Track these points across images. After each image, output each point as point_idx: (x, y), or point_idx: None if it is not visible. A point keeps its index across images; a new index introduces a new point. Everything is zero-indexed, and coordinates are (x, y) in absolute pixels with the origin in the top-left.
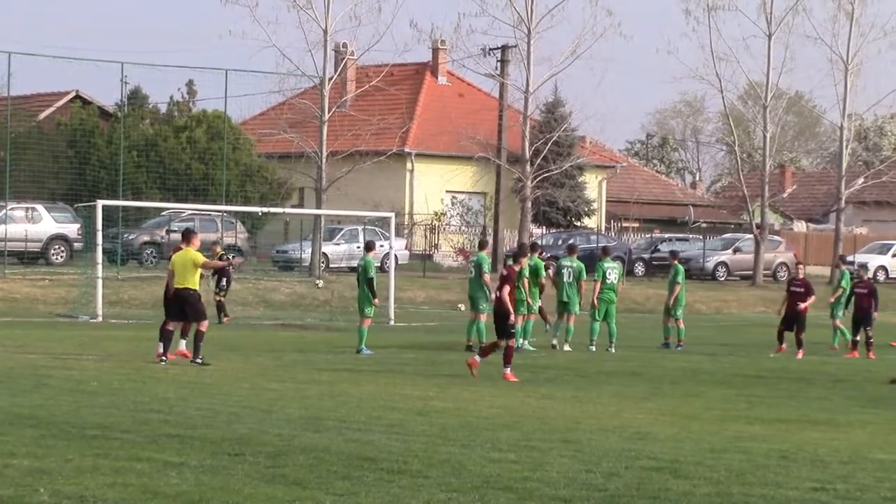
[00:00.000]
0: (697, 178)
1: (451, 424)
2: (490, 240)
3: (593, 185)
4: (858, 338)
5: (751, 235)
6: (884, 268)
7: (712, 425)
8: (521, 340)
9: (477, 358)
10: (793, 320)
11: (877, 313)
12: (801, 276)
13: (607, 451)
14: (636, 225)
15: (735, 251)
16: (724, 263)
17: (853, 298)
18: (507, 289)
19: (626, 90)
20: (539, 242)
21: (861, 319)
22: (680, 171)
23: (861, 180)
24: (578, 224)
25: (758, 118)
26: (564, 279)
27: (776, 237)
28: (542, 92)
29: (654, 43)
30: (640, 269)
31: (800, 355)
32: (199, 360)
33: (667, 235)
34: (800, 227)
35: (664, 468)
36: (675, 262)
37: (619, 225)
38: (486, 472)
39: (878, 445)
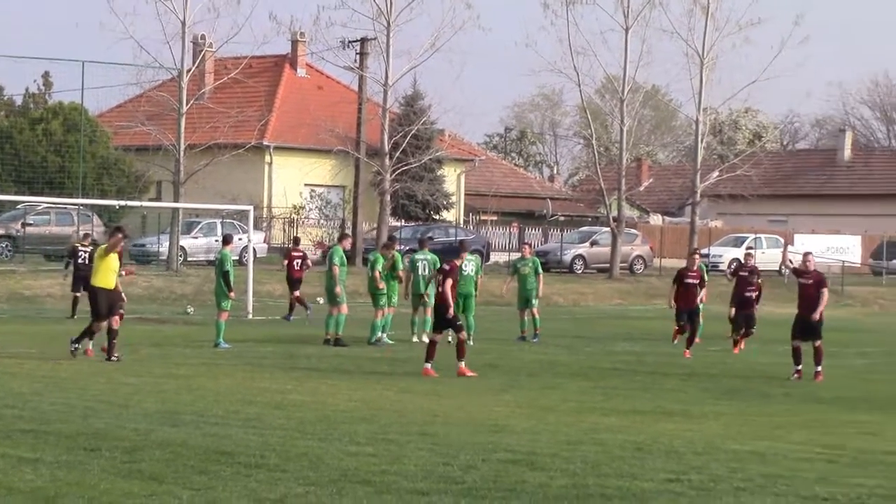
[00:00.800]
0: (555, 171)
1: (308, 418)
2: (349, 233)
3: (452, 179)
4: (742, 331)
5: (608, 228)
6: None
7: (569, 417)
8: (379, 333)
9: (427, 366)
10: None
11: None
12: (694, 267)
13: (464, 443)
14: (494, 218)
15: (592, 244)
16: (581, 256)
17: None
18: (448, 283)
19: (484, 83)
20: (396, 236)
21: (748, 317)
22: (538, 164)
23: (716, 174)
24: (437, 217)
25: (615, 112)
26: (419, 272)
27: (633, 230)
28: (402, 85)
29: (512, 36)
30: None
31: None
32: (114, 357)
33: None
34: (656, 220)
35: (521, 460)
36: (531, 254)
37: (478, 218)
38: (344, 465)
39: (731, 436)
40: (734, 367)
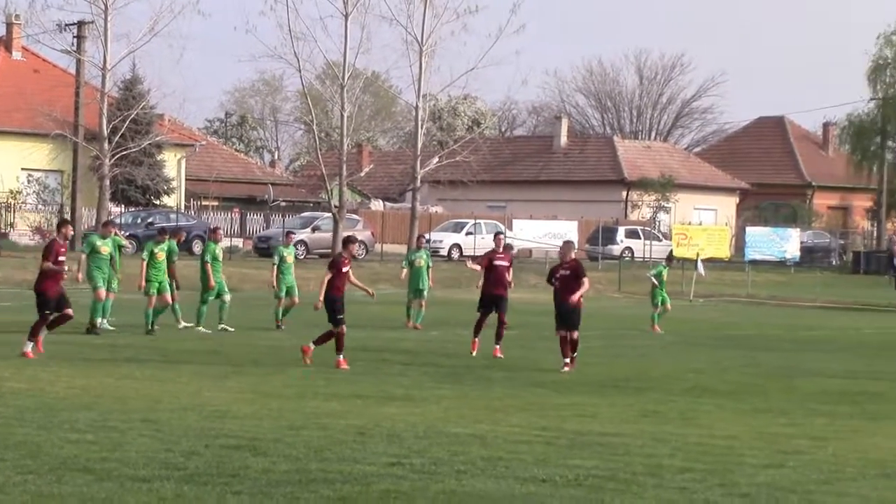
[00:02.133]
0: (276, 156)
1: (27, 405)
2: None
3: (172, 164)
4: None
5: (329, 214)
6: (458, 245)
7: (291, 402)
8: (100, 319)
9: (311, 345)
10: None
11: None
12: (501, 249)
13: (187, 430)
14: (216, 203)
15: (314, 230)
16: (303, 242)
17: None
18: (328, 275)
19: (205, 68)
20: (117, 221)
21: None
22: (259, 149)
23: (436, 160)
24: (158, 202)
25: (335, 97)
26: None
27: (354, 216)
28: (121, 69)
29: (232, 21)
30: None
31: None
32: None
33: None
34: (377, 205)
35: (244, 446)
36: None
37: (199, 203)
38: (64, 453)
39: (452, 420)
40: (456, 351)
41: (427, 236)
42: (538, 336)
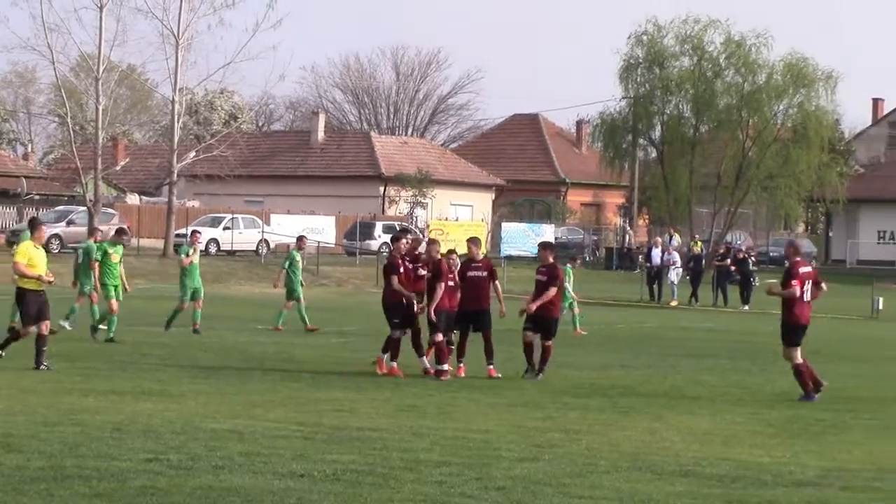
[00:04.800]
0: (30, 149)
1: None
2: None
3: None
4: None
5: (84, 208)
6: (216, 240)
7: (47, 398)
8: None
9: (393, 364)
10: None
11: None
12: (479, 258)
13: None
14: None
15: (69, 223)
16: (57, 236)
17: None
18: (395, 279)
19: None
20: None
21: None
22: (11, 142)
23: (192, 154)
24: None
25: (90, 90)
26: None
27: (110, 210)
28: None
29: None
30: None
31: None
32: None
33: None
34: (133, 199)
35: None
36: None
37: None
38: None
39: (209, 415)
40: (212, 346)
41: (183, 230)
42: (295, 330)
